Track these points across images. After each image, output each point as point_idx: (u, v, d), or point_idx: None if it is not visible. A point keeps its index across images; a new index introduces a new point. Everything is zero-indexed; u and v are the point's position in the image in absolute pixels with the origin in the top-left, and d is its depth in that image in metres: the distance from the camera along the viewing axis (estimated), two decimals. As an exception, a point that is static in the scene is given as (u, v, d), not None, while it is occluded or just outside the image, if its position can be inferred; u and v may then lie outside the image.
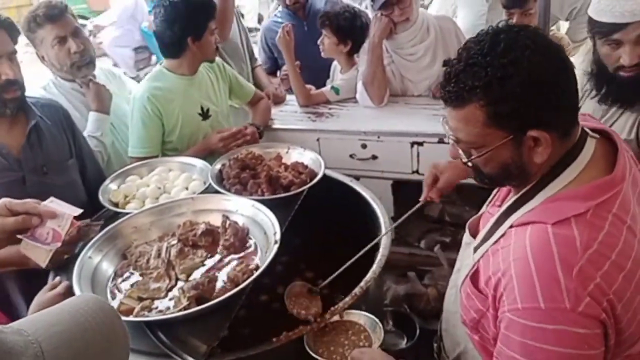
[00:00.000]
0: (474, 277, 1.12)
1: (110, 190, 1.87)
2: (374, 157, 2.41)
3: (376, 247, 1.60)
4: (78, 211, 1.39)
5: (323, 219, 1.88)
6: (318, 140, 2.47)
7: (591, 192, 0.97)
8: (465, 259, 1.24)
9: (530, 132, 0.96)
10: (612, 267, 0.92)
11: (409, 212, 1.59)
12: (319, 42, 2.63)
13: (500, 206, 1.16)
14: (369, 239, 1.69)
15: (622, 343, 0.96)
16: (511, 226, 1.05)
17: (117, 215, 1.72)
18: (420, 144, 2.29)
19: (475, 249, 1.16)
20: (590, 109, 1.70)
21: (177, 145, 2.25)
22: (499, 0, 2.52)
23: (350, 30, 2.54)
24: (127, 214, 1.63)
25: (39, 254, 1.33)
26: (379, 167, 2.43)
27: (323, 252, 1.84)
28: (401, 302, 2.28)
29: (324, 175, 1.90)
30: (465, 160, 1.06)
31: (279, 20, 2.96)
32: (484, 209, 1.32)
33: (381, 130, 2.37)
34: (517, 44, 0.94)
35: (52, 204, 1.36)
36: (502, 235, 1.06)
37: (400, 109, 2.56)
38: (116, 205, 1.82)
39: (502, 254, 1.02)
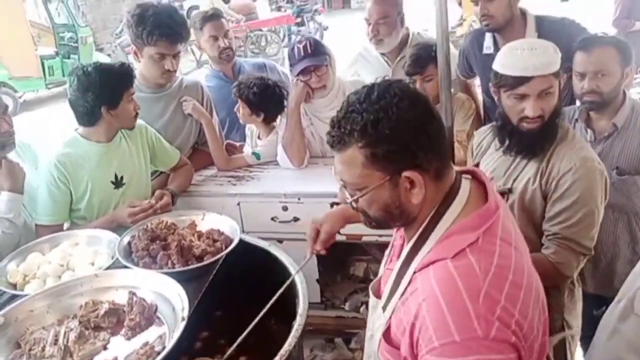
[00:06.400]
0: (387, 335, 1.13)
1: (9, 271, 1.73)
2: (296, 219, 2.40)
3: (293, 316, 1.55)
4: None
5: (244, 288, 1.81)
6: (239, 204, 2.43)
7: (476, 221, 1.05)
8: (376, 321, 1.23)
9: (405, 173, 1.04)
10: (512, 286, 0.98)
11: (299, 268, 1.67)
12: (235, 109, 2.64)
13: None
14: (292, 305, 1.64)
15: None
16: (414, 272, 1.09)
17: (14, 299, 1.59)
18: (339, 204, 2.30)
19: (384, 308, 1.16)
20: (495, 160, 1.78)
21: (85, 214, 2.14)
22: (401, 64, 2.63)
23: (260, 103, 2.56)
24: (25, 296, 1.51)
25: None
26: (301, 229, 2.40)
27: (245, 324, 1.77)
28: (328, 369, 2.22)
29: (243, 241, 1.85)
30: (349, 200, 1.13)
31: (209, 84, 2.95)
32: (381, 269, 1.33)
33: (301, 192, 2.37)
34: (387, 93, 1.05)
35: None
36: (408, 284, 1.09)
37: (320, 170, 2.58)
38: (15, 286, 1.68)
39: (411, 300, 1.05)
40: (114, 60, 11.72)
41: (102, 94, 2.00)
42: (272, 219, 2.41)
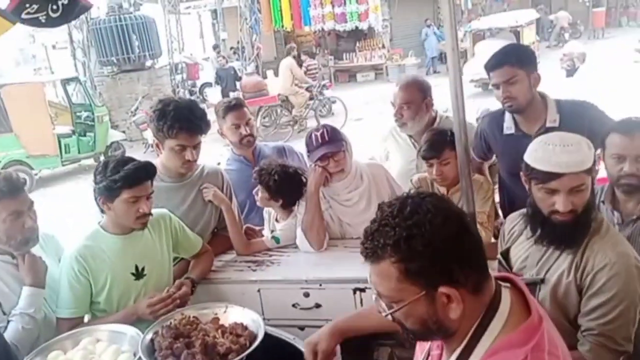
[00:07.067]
0: None
1: (29, 371, 1.70)
2: (318, 306, 2.35)
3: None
4: None
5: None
6: (259, 291, 2.40)
7: (522, 337, 1.03)
8: None
9: (441, 289, 1.03)
10: None
11: None
12: (254, 192, 2.67)
13: None
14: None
15: None
16: None
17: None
18: (363, 290, 2.27)
19: None
20: (527, 248, 1.76)
21: (105, 306, 2.12)
22: None
23: (279, 190, 2.59)
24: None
25: None
26: (323, 316, 2.35)
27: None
28: None
29: (267, 333, 1.82)
30: (386, 313, 1.11)
31: (230, 167, 3.02)
32: None
33: (323, 278, 2.34)
34: (420, 208, 1.05)
35: None
36: None
37: (340, 253, 2.56)
38: (35, 388, 1.64)
39: None
40: (128, 136, 12.12)
41: (98, 184, 2.04)
42: (294, 305, 2.37)
